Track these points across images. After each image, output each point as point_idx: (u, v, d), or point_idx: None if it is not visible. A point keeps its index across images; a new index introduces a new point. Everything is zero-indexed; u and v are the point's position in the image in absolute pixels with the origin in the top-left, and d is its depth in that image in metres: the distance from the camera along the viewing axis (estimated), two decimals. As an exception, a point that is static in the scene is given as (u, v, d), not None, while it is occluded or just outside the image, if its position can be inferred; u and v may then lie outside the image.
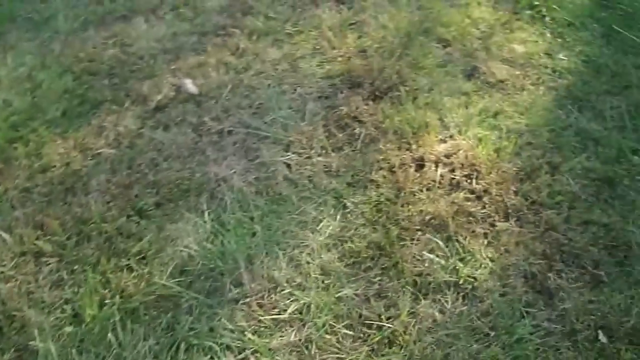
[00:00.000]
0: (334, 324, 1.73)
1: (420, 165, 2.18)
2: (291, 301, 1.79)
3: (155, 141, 2.36)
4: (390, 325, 1.71)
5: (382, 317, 1.74)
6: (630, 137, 2.31)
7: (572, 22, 2.94)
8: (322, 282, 1.83)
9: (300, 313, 1.76)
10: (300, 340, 1.69)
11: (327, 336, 1.70)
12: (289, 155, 2.26)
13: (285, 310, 1.77)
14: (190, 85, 2.60)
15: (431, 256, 1.88)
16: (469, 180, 2.12)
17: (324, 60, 2.72)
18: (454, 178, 2.13)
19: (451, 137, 2.30)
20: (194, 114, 2.47)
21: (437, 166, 2.17)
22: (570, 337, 1.69)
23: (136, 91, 2.61)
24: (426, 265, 1.86)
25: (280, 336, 1.71)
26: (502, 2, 3.10)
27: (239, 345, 1.69)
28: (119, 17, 3.09)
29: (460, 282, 1.82)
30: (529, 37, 2.86)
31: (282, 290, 1.82)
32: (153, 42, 2.90)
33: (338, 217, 2.02)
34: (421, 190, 2.09)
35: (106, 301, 1.81)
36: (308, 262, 1.89)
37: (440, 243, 1.92)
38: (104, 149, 2.34)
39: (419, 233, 1.95)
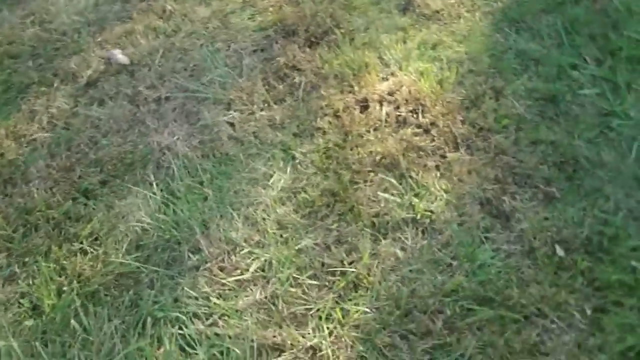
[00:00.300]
0: (297, 276, 1.72)
1: (364, 106, 2.15)
2: (252, 260, 1.77)
3: (91, 118, 2.27)
4: (354, 270, 1.71)
5: (345, 262, 1.73)
6: (569, 52, 2.32)
7: (501, -57, 2.91)
8: (281, 236, 1.82)
9: (263, 270, 1.75)
10: (266, 297, 1.68)
11: (292, 289, 1.69)
12: (231, 114, 2.20)
13: (247, 270, 1.75)
14: (120, 56, 2.50)
15: (386, 195, 1.88)
16: (415, 115, 2.10)
17: (255, 12, 2.64)
18: (399, 115, 2.11)
19: (392, 74, 2.27)
20: (128, 85, 2.38)
21: (381, 105, 2.14)
22: (530, 255, 1.72)
23: (64, 69, 2.50)
24: (382, 205, 1.86)
25: (246, 296, 1.69)
26: None
27: (205, 311, 1.67)
28: (35, -7, 2.93)
29: (418, 217, 1.82)
30: (460, -37, 2.82)
31: (242, 251, 1.80)
32: (74, 16, 2.76)
33: (288, 169, 1.99)
34: (368, 131, 2.07)
35: (64, 288, 1.77)
36: (264, 219, 1.86)
37: (394, 181, 1.91)
38: (38, 134, 2.24)
39: (371, 174, 1.94)
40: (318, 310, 1.64)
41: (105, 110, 2.29)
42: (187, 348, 1.60)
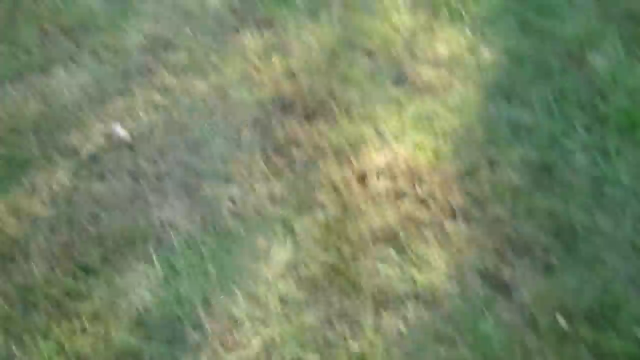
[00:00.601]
0: (300, 353, 1.71)
1: (362, 179, 2.19)
2: (254, 337, 1.76)
3: (92, 194, 2.28)
4: (357, 345, 1.70)
5: (347, 337, 1.73)
6: (559, 121, 2.39)
7: (490, 17, 3.02)
8: (283, 312, 1.81)
9: (266, 347, 1.73)
10: (269, 375, 1.67)
11: (296, 367, 1.68)
12: (231, 189, 2.22)
13: (250, 347, 1.73)
14: (120, 130, 2.54)
15: (386, 269, 1.89)
16: (412, 187, 2.14)
17: (252, 86, 2.70)
18: (397, 187, 2.14)
19: (389, 146, 2.31)
20: (129, 160, 2.41)
21: (379, 178, 2.18)
22: (532, 326, 1.73)
23: (65, 144, 2.52)
24: (383, 278, 1.86)
25: (249, 374, 1.68)
26: (420, 5, 3.14)
27: (207, 390, 1.65)
28: (36, 68, 2.98)
29: (419, 290, 1.83)
30: (451, 36, 2.92)
31: (244, 327, 1.79)
32: (76, 91, 2.81)
33: (289, 244, 2.00)
34: (367, 205, 2.09)
35: (63, 369, 1.74)
36: (266, 295, 1.86)
37: (394, 254, 1.93)
38: (39, 209, 2.25)
39: (371, 247, 1.96)
40: (322, 388, 1.63)
41: (106, 186, 2.31)
42: None
